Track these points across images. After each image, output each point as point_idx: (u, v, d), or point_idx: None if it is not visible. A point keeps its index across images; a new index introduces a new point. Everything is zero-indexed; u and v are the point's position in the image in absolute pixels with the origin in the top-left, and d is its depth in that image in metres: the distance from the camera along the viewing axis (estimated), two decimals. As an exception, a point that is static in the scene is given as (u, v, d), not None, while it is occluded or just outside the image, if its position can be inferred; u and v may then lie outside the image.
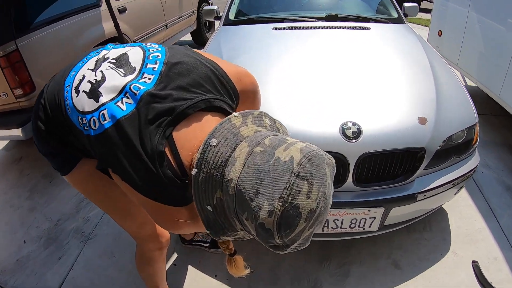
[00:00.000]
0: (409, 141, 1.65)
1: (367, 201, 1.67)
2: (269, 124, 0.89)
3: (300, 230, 0.71)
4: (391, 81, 1.98)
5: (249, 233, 0.81)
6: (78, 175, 1.19)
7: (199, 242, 2.13)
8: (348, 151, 1.60)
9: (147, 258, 1.50)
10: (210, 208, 0.80)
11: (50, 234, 2.40)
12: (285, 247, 0.74)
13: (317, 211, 0.71)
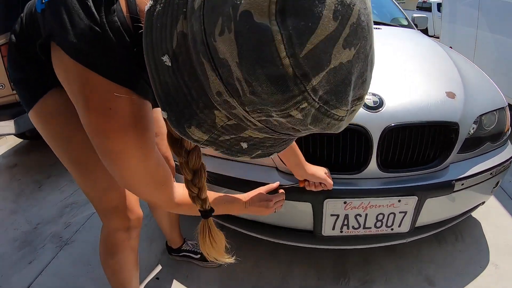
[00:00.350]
0: (439, 114, 1.39)
1: (396, 189, 1.36)
2: None
3: (322, 33, 0.35)
4: (409, 61, 1.80)
5: (234, 101, 0.42)
6: (44, 108, 0.98)
7: (188, 252, 1.80)
8: (370, 122, 1.33)
9: (110, 243, 1.18)
10: (168, 61, 0.47)
11: (27, 237, 2.27)
12: (305, 84, 0.37)
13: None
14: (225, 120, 0.48)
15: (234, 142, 0.53)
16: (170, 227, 1.72)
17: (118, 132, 0.69)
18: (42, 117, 1.01)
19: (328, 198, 1.34)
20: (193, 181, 0.82)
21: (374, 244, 1.55)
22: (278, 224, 1.55)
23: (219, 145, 0.53)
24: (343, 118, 0.44)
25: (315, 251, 1.78)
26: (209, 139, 0.51)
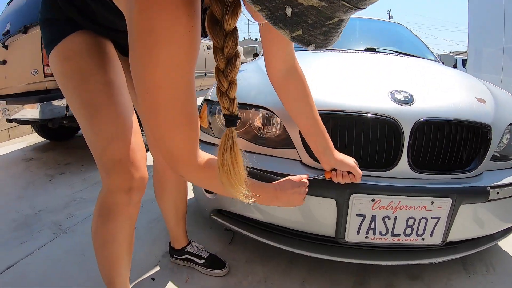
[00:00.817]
0: (471, 114, 1.35)
1: (429, 189, 1.26)
2: None
3: None
4: (439, 74, 1.87)
5: None
6: (69, 46, 0.99)
7: (192, 256, 1.64)
8: (401, 115, 1.29)
9: (107, 206, 1.06)
10: None
11: (27, 220, 2.28)
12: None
13: None
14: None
15: (280, 5, 0.53)
16: (176, 221, 1.59)
17: (171, 5, 0.64)
18: (65, 54, 1.00)
19: (355, 194, 1.24)
20: (225, 72, 0.74)
21: (401, 261, 1.39)
22: (296, 227, 1.42)
23: (264, 4, 0.53)
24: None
25: (332, 269, 1.62)
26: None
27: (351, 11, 0.55)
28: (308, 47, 0.59)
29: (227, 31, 0.70)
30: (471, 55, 4.77)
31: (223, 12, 0.68)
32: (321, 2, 0.52)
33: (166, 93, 0.72)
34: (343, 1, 0.52)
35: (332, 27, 0.57)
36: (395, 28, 3.33)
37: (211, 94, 1.64)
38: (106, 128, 0.99)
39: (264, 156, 1.42)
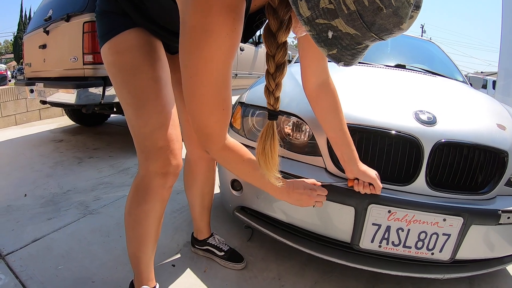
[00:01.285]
0: (490, 139, 1.42)
1: (443, 206, 1.33)
2: None
3: None
4: (463, 97, 1.92)
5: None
6: (123, 41, 1.10)
7: (212, 247, 1.74)
8: (422, 134, 1.38)
9: (143, 188, 1.18)
10: None
11: (54, 198, 2.37)
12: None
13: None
14: (326, 3, 0.66)
15: (324, 28, 0.70)
16: (201, 211, 1.69)
17: (221, 9, 0.79)
18: (118, 48, 1.11)
19: (373, 204, 1.32)
20: (274, 76, 0.89)
21: (410, 273, 1.46)
22: (315, 230, 1.51)
23: (313, 26, 0.70)
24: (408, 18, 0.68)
25: (343, 275, 1.69)
26: (309, 17, 0.69)
27: (376, 41, 0.72)
28: (338, 64, 0.76)
29: (279, 43, 0.85)
30: (500, 77, 4.71)
31: (279, 27, 0.83)
32: (355, 31, 0.69)
33: (205, 80, 0.86)
34: (372, 33, 0.69)
35: (359, 50, 0.74)
36: (426, 46, 3.38)
37: (246, 97, 1.74)
38: (151, 119, 1.11)
39: (290, 161, 1.51)
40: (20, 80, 4.87)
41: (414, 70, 2.53)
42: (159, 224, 1.26)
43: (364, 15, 0.65)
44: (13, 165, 3.15)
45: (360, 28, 0.68)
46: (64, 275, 1.57)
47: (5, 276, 1.55)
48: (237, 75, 5.41)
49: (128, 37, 1.10)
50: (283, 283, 1.61)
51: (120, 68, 1.11)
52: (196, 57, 0.83)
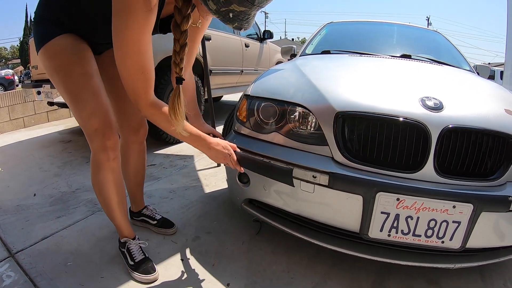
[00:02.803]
0: (498, 124, 1.39)
1: (452, 193, 1.31)
2: None
3: None
4: (468, 83, 1.93)
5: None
6: (56, 46, 1.35)
7: (147, 217, 1.95)
8: (429, 120, 1.36)
9: (94, 163, 1.48)
10: None
11: (63, 197, 2.41)
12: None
13: None
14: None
15: (227, 12, 1.11)
16: (135, 187, 1.92)
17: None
18: (50, 53, 1.35)
19: (381, 192, 1.31)
20: (179, 52, 1.24)
21: (420, 262, 1.44)
22: (323, 220, 1.50)
23: (219, 14, 1.12)
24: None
25: (353, 267, 1.68)
26: (216, 8, 1.11)
27: (259, 8, 1.14)
28: (241, 30, 1.19)
29: (182, 30, 1.21)
30: (507, 67, 4.66)
31: (181, 20, 1.19)
32: (246, 8, 1.11)
33: (129, 51, 1.15)
34: (255, 5, 1.11)
35: (250, 17, 1.16)
36: (432, 36, 3.36)
37: (251, 90, 1.74)
38: (86, 108, 1.37)
39: (297, 151, 1.51)
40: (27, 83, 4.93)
41: (420, 60, 2.52)
42: (118, 189, 1.54)
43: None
44: (22, 166, 3.19)
45: (248, 5, 1.10)
46: (73, 271, 1.58)
47: (14, 273, 1.56)
48: (243, 72, 5.42)
49: (58, 43, 1.35)
50: (292, 276, 1.60)
51: (55, 70, 1.37)
52: (121, 33, 1.13)
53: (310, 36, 3.35)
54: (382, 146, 1.39)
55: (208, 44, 4.31)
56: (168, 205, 2.28)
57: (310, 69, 1.91)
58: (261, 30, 6.21)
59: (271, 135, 1.58)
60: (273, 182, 1.54)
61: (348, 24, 3.53)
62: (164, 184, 2.66)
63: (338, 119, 1.42)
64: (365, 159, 1.40)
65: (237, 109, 1.81)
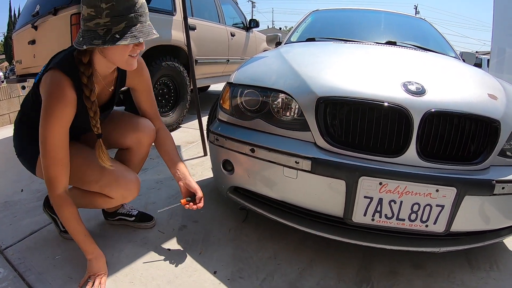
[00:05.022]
0: (481, 108, 1.40)
1: (435, 177, 1.32)
2: None
3: None
4: (452, 68, 1.93)
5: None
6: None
7: (123, 215, 1.86)
8: (411, 104, 1.36)
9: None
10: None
11: None
12: None
13: None
14: (100, 27, 1.21)
15: (112, 35, 1.21)
16: None
17: (56, 101, 1.29)
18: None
19: (364, 176, 1.31)
20: (94, 117, 1.38)
21: (405, 246, 1.46)
22: (307, 205, 1.51)
23: (108, 42, 1.21)
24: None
25: (339, 252, 1.69)
26: (103, 40, 1.21)
27: (136, 14, 1.23)
28: (140, 40, 1.24)
29: (92, 100, 1.35)
30: (493, 55, 4.69)
31: (90, 93, 1.34)
32: (123, 25, 1.21)
33: (47, 145, 1.30)
34: (126, 16, 1.21)
35: (141, 27, 1.25)
36: (418, 23, 3.36)
37: (234, 78, 1.74)
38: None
39: (281, 137, 1.51)
40: (12, 79, 4.85)
41: (405, 47, 2.51)
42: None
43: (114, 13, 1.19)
44: (9, 162, 3.13)
45: (122, 21, 1.20)
46: (61, 264, 1.58)
47: (4, 269, 1.55)
48: (229, 61, 5.39)
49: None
50: (279, 262, 1.61)
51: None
52: (43, 128, 1.29)
53: (295, 24, 3.34)
54: (364, 131, 1.39)
55: (193, 33, 4.27)
56: (155, 195, 2.28)
57: (293, 56, 1.90)
58: (247, 19, 6.18)
59: (254, 122, 1.58)
60: (257, 169, 1.54)
61: (333, 12, 3.52)
62: (151, 175, 2.65)
63: (320, 104, 1.42)
64: (347, 144, 1.41)
65: (220, 97, 1.80)
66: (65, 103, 1.28)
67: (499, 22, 4.67)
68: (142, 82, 1.64)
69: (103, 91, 1.51)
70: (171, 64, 3.86)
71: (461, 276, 1.61)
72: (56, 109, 1.27)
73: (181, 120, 4.22)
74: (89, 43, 1.20)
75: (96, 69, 1.37)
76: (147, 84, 1.67)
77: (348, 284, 1.52)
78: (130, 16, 1.20)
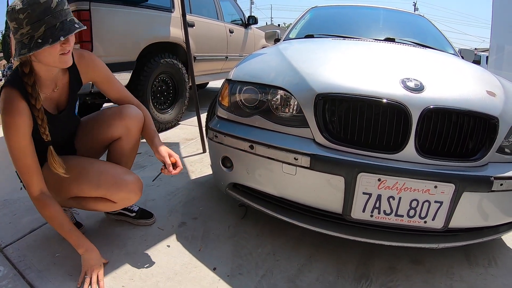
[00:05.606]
0: (479, 105, 1.40)
1: (434, 173, 1.32)
2: None
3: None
4: (451, 65, 1.93)
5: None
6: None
7: (125, 210, 1.88)
8: (410, 101, 1.36)
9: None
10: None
11: None
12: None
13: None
14: (23, 38, 1.25)
15: (34, 41, 1.24)
16: None
17: (10, 114, 1.33)
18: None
19: (363, 172, 1.32)
20: (42, 124, 1.40)
21: (403, 242, 1.46)
22: (307, 202, 1.51)
23: (32, 48, 1.24)
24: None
25: (338, 248, 1.70)
26: (25, 50, 1.24)
27: (55, 15, 1.24)
28: (61, 38, 1.24)
29: (38, 108, 1.36)
30: (492, 52, 4.68)
31: (35, 101, 1.36)
32: (42, 28, 1.23)
33: (13, 154, 1.38)
34: (45, 18, 1.23)
35: (61, 26, 1.26)
36: (417, 20, 3.35)
37: (232, 75, 1.74)
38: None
39: (279, 134, 1.51)
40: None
41: (404, 43, 2.51)
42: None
43: (31, 21, 1.22)
44: (7, 160, 3.12)
45: (41, 25, 1.22)
46: (61, 262, 1.58)
47: (4, 267, 1.55)
48: (228, 58, 5.39)
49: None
50: (278, 258, 1.62)
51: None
52: (6, 141, 1.36)
53: (294, 21, 3.33)
54: (363, 127, 1.39)
55: (192, 30, 4.26)
56: (154, 192, 2.28)
57: (291, 52, 1.90)
58: (246, 16, 6.17)
59: (253, 118, 1.58)
60: (256, 166, 1.55)
61: (332, 8, 3.52)
62: (149, 172, 2.65)
63: (318, 101, 1.42)
64: (346, 140, 1.41)
65: (219, 94, 1.80)
66: (18, 114, 1.33)
67: (498, 19, 4.66)
68: (98, 73, 1.65)
69: (60, 96, 1.54)
70: (169, 61, 3.85)
71: (460, 272, 1.62)
72: (11, 121, 1.32)
73: (180, 117, 4.21)
74: (18, 54, 1.25)
75: (40, 76, 1.41)
76: (105, 73, 1.67)
77: (347, 280, 1.52)
78: (47, 18, 1.23)
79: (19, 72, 1.37)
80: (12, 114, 1.32)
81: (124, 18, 3.31)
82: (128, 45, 3.32)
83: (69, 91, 1.56)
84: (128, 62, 3.34)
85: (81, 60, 1.53)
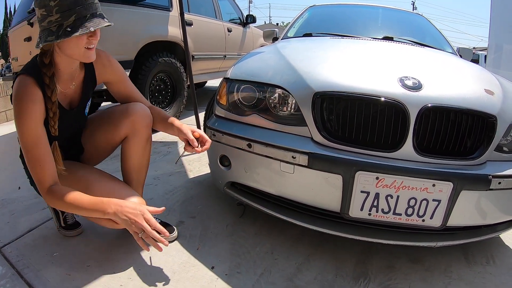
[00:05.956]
0: (477, 104, 1.40)
1: (432, 171, 1.32)
2: None
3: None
4: (449, 64, 1.93)
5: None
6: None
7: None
8: (408, 99, 1.36)
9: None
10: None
11: None
12: None
13: None
14: (52, 25, 1.25)
15: (64, 28, 1.24)
16: (136, 185, 1.73)
17: (25, 101, 1.30)
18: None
19: (361, 171, 1.32)
20: (53, 117, 1.38)
21: (402, 241, 1.46)
22: (305, 201, 1.51)
23: (60, 35, 1.24)
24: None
25: (336, 247, 1.70)
26: (56, 35, 1.24)
27: (86, 6, 1.25)
28: (91, 29, 1.24)
29: (53, 101, 1.35)
30: (491, 51, 4.69)
31: (51, 93, 1.34)
32: (73, 18, 1.23)
33: (25, 145, 1.32)
34: (76, 8, 1.24)
35: (90, 17, 1.26)
36: (415, 19, 3.36)
37: (230, 73, 1.73)
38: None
39: (277, 132, 1.51)
40: (8, 76, 4.83)
41: (402, 42, 2.52)
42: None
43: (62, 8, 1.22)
44: (6, 160, 3.13)
45: (71, 15, 1.23)
46: (59, 261, 1.58)
47: (2, 267, 1.55)
48: (226, 56, 5.39)
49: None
50: (276, 257, 1.62)
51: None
52: (18, 129, 1.31)
53: (292, 20, 3.33)
54: (361, 126, 1.39)
55: (190, 29, 4.25)
56: (153, 191, 2.27)
57: (289, 51, 1.90)
58: (244, 15, 6.16)
59: (251, 117, 1.58)
60: (254, 164, 1.55)
61: (330, 7, 3.52)
62: (148, 171, 2.64)
63: (316, 99, 1.42)
64: (344, 139, 1.41)
65: (217, 92, 1.80)
66: (33, 101, 1.30)
67: (497, 18, 4.67)
68: (114, 73, 1.63)
69: (74, 93, 1.53)
70: (167, 60, 3.85)
71: (458, 271, 1.62)
72: (25, 108, 1.29)
73: (178, 116, 4.20)
74: (44, 41, 1.25)
75: (59, 68, 1.40)
76: (121, 73, 1.65)
77: (345, 278, 1.52)
78: (78, 8, 1.23)
79: (37, 63, 1.35)
80: (26, 100, 1.29)
81: (122, 17, 3.30)
82: (126, 44, 3.32)
83: (82, 89, 1.55)
84: (126, 61, 3.33)
85: (98, 59, 1.50)
